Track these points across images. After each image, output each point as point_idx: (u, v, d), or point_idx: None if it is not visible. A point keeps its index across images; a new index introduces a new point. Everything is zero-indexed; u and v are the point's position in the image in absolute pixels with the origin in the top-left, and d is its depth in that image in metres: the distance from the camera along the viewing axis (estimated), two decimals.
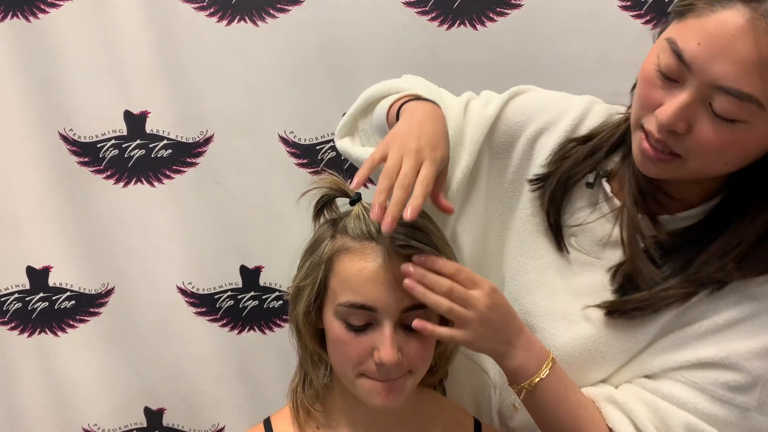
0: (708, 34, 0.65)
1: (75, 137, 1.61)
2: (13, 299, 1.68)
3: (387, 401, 0.80)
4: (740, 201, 0.76)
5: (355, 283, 0.77)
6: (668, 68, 0.70)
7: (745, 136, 0.67)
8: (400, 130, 0.79)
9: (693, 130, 0.69)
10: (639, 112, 0.75)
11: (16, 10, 1.53)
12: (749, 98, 0.64)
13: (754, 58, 0.62)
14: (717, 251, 0.75)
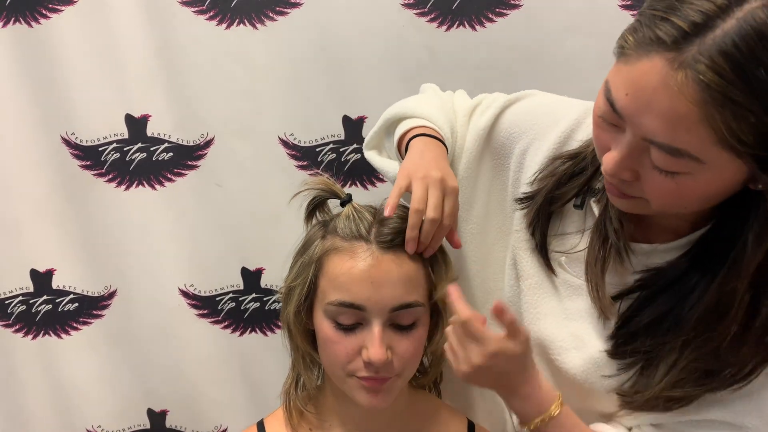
0: (633, 84, 0.61)
1: (77, 141, 1.62)
2: (18, 302, 1.70)
3: (375, 401, 0.80)
4: (731, 227, 0.69)
5: (344, 282, 0.77)
6: (605, 114, 0.66)
7: (693, 185, 0.62)
8: (417, 161, 0.83)
9: (640, 177, 0.65)
10: (598, 151, 0.72)
11: (18, 16, 1.54)
12: (680, 153, 0.60)
13: (676, 113, 0.58)
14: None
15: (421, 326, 0.81)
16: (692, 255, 0.72)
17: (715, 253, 0.69)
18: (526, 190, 0.87)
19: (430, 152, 0.86)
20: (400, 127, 1.00)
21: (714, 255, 0.69)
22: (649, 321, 0.73)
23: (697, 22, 0.56)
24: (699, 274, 0.70)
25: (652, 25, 0.58)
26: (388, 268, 0.77)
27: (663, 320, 0.72)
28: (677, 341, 0.71)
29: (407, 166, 0.83)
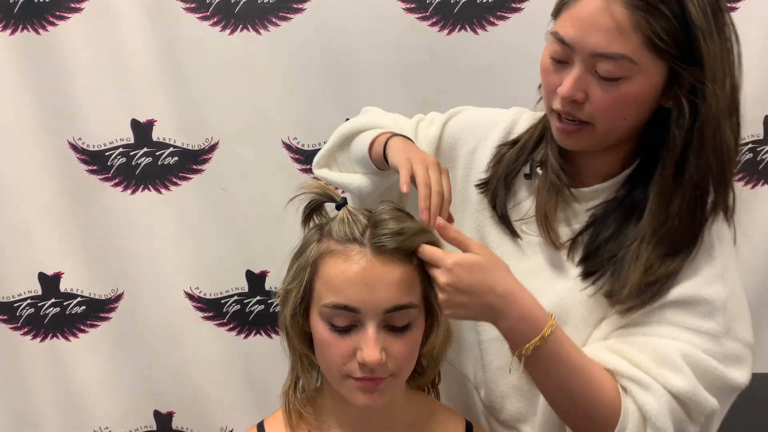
0: (578, 18, 0.80)
1: (84, 146, 1.65)
2: (26, 305, 1.72)
3: (371, 401, 0.80)
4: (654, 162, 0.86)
5: (339, 284, 0.78)
6: (557, 53, 0.84)
7: (630, 89, 0.80)
8: (408, 150, 0.92)
9: (589, 97, 0.82)
10: (547, 98, 0.89)
11: (27, 23, 1.57)
12: (621, 57, 0.78)
13: (614, 26, 0.77)
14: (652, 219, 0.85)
15: (415, 327, 0.82)
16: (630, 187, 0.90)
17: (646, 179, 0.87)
18: (481, 177, 1.02)
19: (412, 145, 0.96)
20: (362, 138, 1.04)
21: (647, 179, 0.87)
22: (608, 236, 0.89)
23: None
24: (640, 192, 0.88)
25: None
26: (381, 270, 0.78)
27: (619, 234, 0.88)
28: (635, 241, 0.85)
29: (402, 154, 0.90)
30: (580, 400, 0.82)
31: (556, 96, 0.85)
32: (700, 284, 0.84)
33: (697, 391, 0.81)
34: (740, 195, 1.73)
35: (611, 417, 0.81)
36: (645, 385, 0.81)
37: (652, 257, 0.84)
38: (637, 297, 0.84)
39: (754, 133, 1.74)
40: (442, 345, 0.88)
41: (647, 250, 0.84)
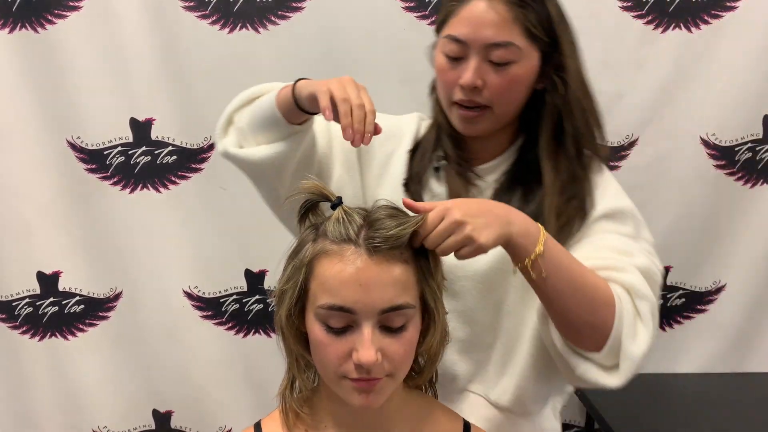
0: (468, 19, 0.95)
1: (83, 145, 1.64)
2: (25, 304, 1.72)
3: (367, 401, 0.80)
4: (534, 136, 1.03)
5: (334, 285, 0.77)
6: (453, 52, 0.97)
7: (518, 71, 0.97)
8: (319, 81, 0.92)
9: (487, 83, 0.97)
10: (447, 93, 1.01)
11: (25, 22, 1.57)
12: (509, 44, 0.95)
13: (499, 20, 0.94)
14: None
15: (411, 327, 0.81)
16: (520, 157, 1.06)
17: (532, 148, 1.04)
18: (396, 179, 1.10)
19: (314, 81, 0.94)
20: (263, 99, 1.03)
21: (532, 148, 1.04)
22: (519, 199, 1.02)
23: None
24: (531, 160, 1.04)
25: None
26: (377, 270, 0.77)
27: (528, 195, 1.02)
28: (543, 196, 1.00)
29: (315, 84, 0.92)
30: (583, 289, 0.88)
31: (456, 88, 0.99)
32: (613, 199, 1.02)
33: (651, 266, 0.95)
34: (740, 194, 1.75)
35: (609, 300, 0.88)
36: (620, 269, 0.91)
37: (560, 205, 0.99)
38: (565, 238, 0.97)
39: (753, 132, 1.74)
40: (440, 344, 0.88)
41: (555, 201, 0.99)
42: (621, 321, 0.87)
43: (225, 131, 1.09)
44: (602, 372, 0.91)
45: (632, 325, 0.89)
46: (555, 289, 0.87)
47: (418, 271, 0.82)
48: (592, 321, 0.88)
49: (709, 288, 1.83)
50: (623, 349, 0.88)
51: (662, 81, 1.68)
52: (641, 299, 0.90)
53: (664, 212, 1.76)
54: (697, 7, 1.64)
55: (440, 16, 1.01)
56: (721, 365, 1.86)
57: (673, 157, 1.73)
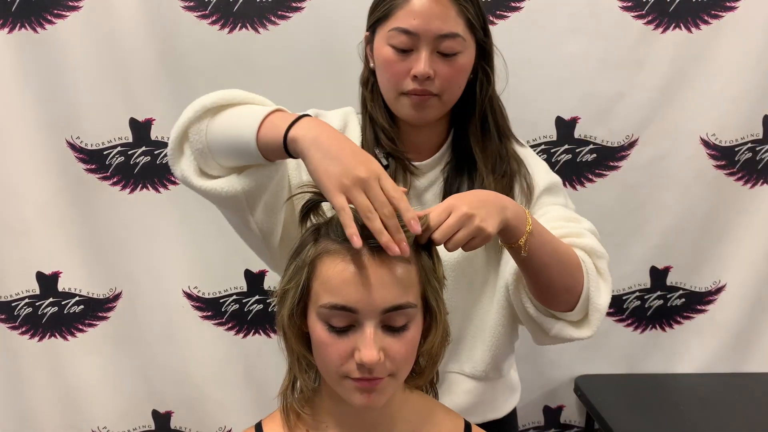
0: (417, 12, 1.00)
1: (82, 145, 1.64)
2: (24, 304, 1.72)
3: (368, 401, 0.80)
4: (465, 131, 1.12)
5: (336, 284, 0.77)
6: (404, 44, 1.01)
7: (463, 61, 1.04)
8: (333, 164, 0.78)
9: (437, 72, 1.02)
10: (395, 85, 1.04)
11: (24, 22, 1.57)
12: (457, 35, 1.01)
13: (446, 12, 1.00)
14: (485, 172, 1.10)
15: (413, 327, 0.81)
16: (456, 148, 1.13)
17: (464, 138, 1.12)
18: None
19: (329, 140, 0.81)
20: (236, 116, 0.90)
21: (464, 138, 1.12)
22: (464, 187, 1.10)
23: None
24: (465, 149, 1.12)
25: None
26: (379, 270, 0.77)
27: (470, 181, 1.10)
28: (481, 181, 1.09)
29: (329, 178, 0.78)
30: (562, 257, 0.98)
31: (407, 79, 1.03)
32: (545, 175, 1.14)
33: (592, 226, 1.10)
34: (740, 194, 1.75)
35: (579, 264, 1.00)
36: (576, 234, 1.04)
37: (495, 185, 1.08)
38: None
39: (753, 132, 1.74)
40: (441, 344, 0.88)
41: (490, 183, 1.08)
42: (588, 280, 1.00)
43: (180, 148, 0.96)
44: (574, 328, 1.04)
45: (596, 281, 1.01)
46: (541, 262, 0.95)
47: (420, 270, 0.82)
48: (569, 285, 0.99)
49: (709, 288, 1.83)
50: (591, 302, 1.01)
51: (662, 81, 1.68)
52: (599, 258, 1.04)
53: (664, 212, 1.76)
54: (697, 7, 1.65)
55: (379, 11, 1.05)
56: (721, 365, 1.86)
57: (673, 157, 1.73)
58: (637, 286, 1.83)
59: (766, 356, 1.87)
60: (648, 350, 1.87)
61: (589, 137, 1.72)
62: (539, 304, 1.04)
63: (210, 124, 0.92)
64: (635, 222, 1.77)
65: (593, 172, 1.74)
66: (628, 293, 1.83)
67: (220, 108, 0.93)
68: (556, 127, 1.70)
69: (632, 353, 1.87)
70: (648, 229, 1.78)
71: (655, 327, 1.86)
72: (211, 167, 0.95)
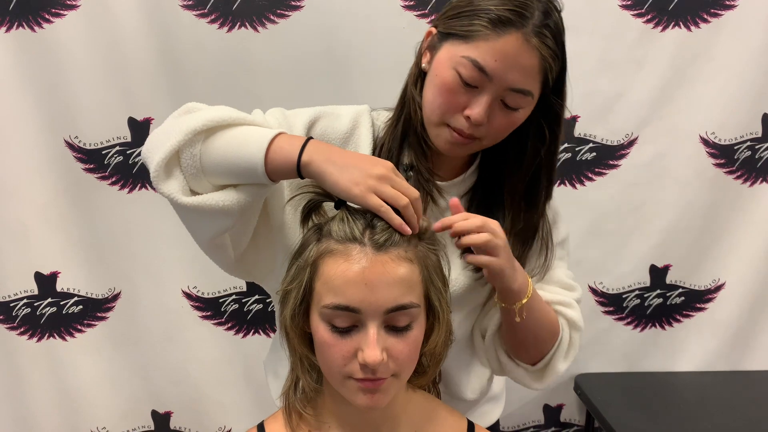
0: (501, 53, 0.88)
1: (80, 144, 1.63)
2: (22, 304, 1.71)
3: (372, 402, 0.80)
4: (494, 158, 1.05)
5: (339, 284, 0.77)
6: (472, 79, 0.90)
7: (520, 116, 0.95)
8: (349, 173, 0.82)
9: (490, 120, 0.93)
10: (444, 115, 0.95)
11: (22, 20, 1.56)
12: (529, 93, 0.91)
13: (532, 66, 0.89)
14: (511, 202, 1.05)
15: (416, 327, 0.81)
16: (482, 175, 1.07)
17: (495, 172, 1.05)
18: None
19: (340, 155, 0.85)
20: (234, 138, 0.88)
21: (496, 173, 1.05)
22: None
23: (524, 8, 0.89)
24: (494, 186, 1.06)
25: (499, 13, 0.88)
26: (382, 269, 0.77)
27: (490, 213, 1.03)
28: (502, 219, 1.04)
29: (356, 185, 0.81)
30: (546, 324, 1.03)
31: (457, 116, 0.94)
32: (562, 229, 1.13)
33: (581, 295, 1.13)
34: (739, 193, 1.75)
35: (555, 333, 1.05)
36: (566, 304, 1.08)
37: (515, 248, 1.03)
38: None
39: (752, 130, 1.74)
40: (444, 344, 0.88)
41: (511, 242, 1.01)
42: (558, 347, 1.06)
43: (168, 173, 0.91)
44: (530, 378, 1.10)
45: (565, 350, 1.08)
46: (525, 326, 1.01)
47: (422, 270, 0.81)
48: (539, 347, 1.06)
49: (709, 286, 1.84)
50: (551, 365, 1.08)
51: (662, 79, 1.68)
52: (576, 331, 1.09)
53: (664, 211, 1.77)
54: (697, 6, 1.64)
55: (459, 26, 0.91)
56: (720, 363, 1.87)
57: (673, 156, 1.73)
58: (637, 285, 1.83)
59: (766, 354, 1.87)
60: (648, 348, 1.87)
61: (589, 136, 1.72)
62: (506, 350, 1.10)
63: (203, 148, 0.88)
64: (635, 220, 1.77)
65: (593, 170, 1.74)
66: (627, 292, 1.84)
67: (211, 130, 0.88)
68: None
69: (632, 351, 1.87)
70: (647, 227, 1.78)
71: (655, 325, 1.86)
72: (202, 186, 0.92)
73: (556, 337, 1.06)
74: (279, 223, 1.02)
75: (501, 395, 1.28)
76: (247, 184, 0.90)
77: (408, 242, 0.81)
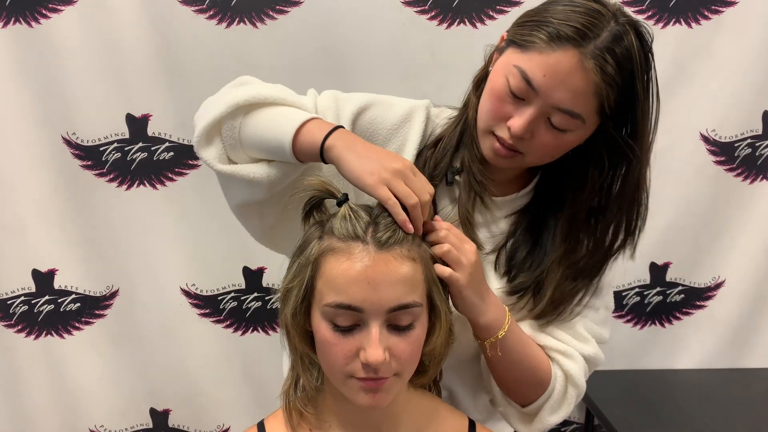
0: (551, 68, 0.84)
1: (78, 141, 1.62)
2: (20, 302, 1.70)
3: (374, 401, 0.79)
4: (553, 179, 0.99)
5: (341, 283, 0.76)
6: (519, 90, 0.87)
7: (570, 139, 0.90)
8: (366, 162, 0.83)
9: (534, 136, 0.89)
10: (490, 122, 0.92)
11: (19, 16, 1.55)
12: (578, 116, 0.86)
13: (583, 88, 0.84)
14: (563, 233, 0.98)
15: (419, 326, 0.80)
16: (536, 197, 1.02)
17: (552, 197, 1.00)
18: None
19: (363, 145, 0.86)
20: (269, 116, 0.92)
21: (551, 198, 0.99)
22: (525, 255, 1.00)
23: (590, 27, 0.83)
24: (548, 211, 1.00)
25: (559, 27, 0.84)
26: (385, 268, 0.76)
27: (535, 253, 1.00)
28: (551, 264, 0.98)
29: (370, 174, 0.82)
30: (527, 369, 0.97)
31: (503, 125, 0.91)
32: (607, 275, 1.02)
33: (597, 352, 1.03)
34: (739, 190, 1.75)
35: (545, 379, 0.98)
36: (569, 355, 1.00)
37: (561, 281, 0.98)
38: (551, 314, 1.00)
39: (753, 128, 1.74)
40: (445, 344, 0.87)
41: (558, 275, 0.98)
42: (548, 397, 1.00)
43: (209, 140, 0.95)
44: (519, 419, 1.04)
45: (557, 403, 1.01)
46: (501, 364, 0.96)
47: (425, 269, 0.81)
48: (524, 391, 1.00)
49: (708, 284, 1.83)
50: (540, 416, 1.01)
51: (662, 76, 1.62)
52: (573, 387, 1.01)
53: (664, 208, 1.76)
54: (698, 3, 1.64)
55: (521, 33, 0.88)
56: (720, 361, 1.87)
57: (673, 153, 1.73)
58: (637, 282, 1.83)
59: (765, 352, 1.87)
60: (647, 346, 1.87)
61: None
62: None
63: (243, 122, 0.93)
64: None
65: None
66: (627, 289, 1.83)
67: (254, 105, 0.93)
68: None
69: (632, 349, 1.87)
70: (647, 225, 1.76)
71: (655, 323, 1.86)
72: (239, 157, 0.97)
73: (544, 387, 0.99)
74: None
75: None
76: (280, 161, 0.93)
77: (411, 241, 0.80)
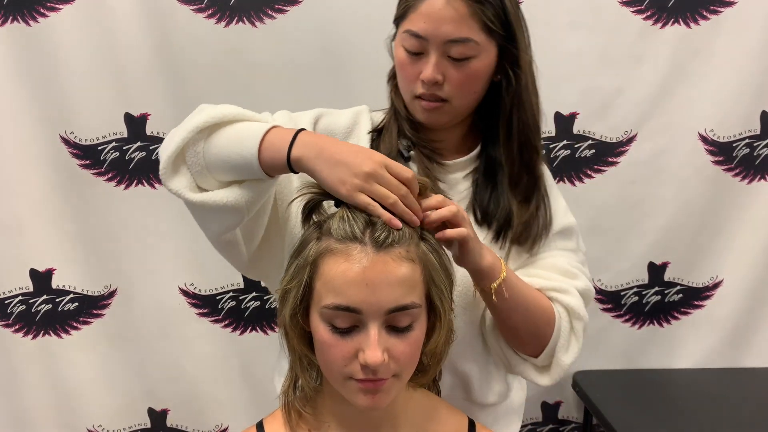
0: (427, 14, 0.96)
1: (76, 140, 1.62)
2: (17, 302, 1.70)
3: (373, 402, 0.79)
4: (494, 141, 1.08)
5: (340, 284, 0.76)
6: (414, 47, 0.99)
7: (477, 66, 0.99)
8: (337, 171, 0.83)
9: (447, 77, 0.99)
10: (408, 87, 1.03)
11: (17, 14, 1.54)
12: (468, 39, 0.96)
13: (460, 15, 0.95)
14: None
15: (418, 327, 0.80)
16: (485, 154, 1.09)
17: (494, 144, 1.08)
18: None
19: (330, 148, 0.85)
20: (233, 133, 0.90)
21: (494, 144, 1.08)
22: (489, 199, 1.08)
23: None
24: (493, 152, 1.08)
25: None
26: (383, 269, 0.76)
27: (497, 193, 1.08)
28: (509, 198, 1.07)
29: (343, 184, 0.82)
30: (534, 308, 1.01)
31: (417, 83, 1.00)
32: (564, 217, 1.12)
33: (588, 285, 1.09)
34: (737, 190, 1.75)
35: (551, 317, 1.03)
36: (564, 291, 1.04)
37: (520, 207, 1.07)
38: (527, 236, 1.08)
39: (751, 128, 1.74)
40: (445, 344, 0.87)
41: (516, 203, 1.07)
42: (558, 336, 1.04)
43: (175, 170, 0.93)
44: (536, 372, 1.08)
45: (567, 340, 1.05)
46: (509, 309, 0.99)
47: (424, 269, 0.81)
48: (535, 335, 1.03)
49: (707, 284, 1.84)
50: (556, 357, 1.05)
51: (661, 76, 1.68)
52: (577, 320, 1.05)
53: (662, 208, 1.76)
54: (697, 3, 1.64)
55: (399, 9, 1.03)
56: (718, 361, 1.87)
57: (672, 153, 1.73)
58: (635, 282, 1.83)
59: (763, 351, 1.87)
60: (646, 346, 1.87)
61: (588, 133, 1.71)
62: (508, 343, 1.08)
63: (206, 146, 0.91)
64: (633, 217, 1.77)
65: (592, 167, 1.74)
66: (625, 289, 1.83)
67: (213, 128, 0.91)
68: (555, 122, 1.70)
69: (630, 349, 1.87)
70: (646, 224, 1.78)
71: (653, 322, 1.86)
72: (209, 183, 0.94)
73: (551, 325, 1.03)
74: (285, 217, 1.03)
75: (520, 409, 1.24)
76: (250, 180, 0.91)
77: (409, 242, 0.80)
